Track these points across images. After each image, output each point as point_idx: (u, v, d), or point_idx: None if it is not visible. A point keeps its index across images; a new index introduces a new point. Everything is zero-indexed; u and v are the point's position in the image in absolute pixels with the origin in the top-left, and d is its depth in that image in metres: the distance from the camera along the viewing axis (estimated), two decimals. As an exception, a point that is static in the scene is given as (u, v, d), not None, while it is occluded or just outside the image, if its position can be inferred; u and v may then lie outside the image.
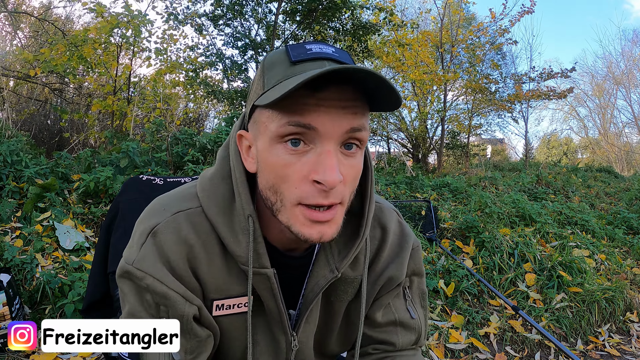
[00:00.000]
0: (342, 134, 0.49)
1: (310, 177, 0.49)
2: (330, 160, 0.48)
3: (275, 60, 0.52)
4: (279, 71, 0.51)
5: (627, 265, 3.26)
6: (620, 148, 15.96)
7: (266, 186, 0.53)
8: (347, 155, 0.51)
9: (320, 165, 0.48)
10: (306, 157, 0.50)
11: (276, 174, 0.51)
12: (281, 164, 0.50)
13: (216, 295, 0.59)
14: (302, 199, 0.50)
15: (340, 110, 0.48)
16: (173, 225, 0.56)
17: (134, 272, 0.54)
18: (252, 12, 6.15)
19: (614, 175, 9.03)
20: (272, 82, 0.51)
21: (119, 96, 5.23)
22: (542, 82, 7.88)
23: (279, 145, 0.50)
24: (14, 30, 6.79)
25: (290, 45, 0.52)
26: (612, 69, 16.70)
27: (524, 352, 2.13)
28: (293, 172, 0.50)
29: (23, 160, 2.83)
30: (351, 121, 0.49)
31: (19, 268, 1.95)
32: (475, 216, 3.27)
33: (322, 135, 0.49)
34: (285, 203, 0.51)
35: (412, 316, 0.71)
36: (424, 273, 0.75)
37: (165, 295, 0.54)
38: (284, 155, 0.50)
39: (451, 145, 9.95)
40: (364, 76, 0.46)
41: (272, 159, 0.51)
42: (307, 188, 0.50)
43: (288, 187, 0.50)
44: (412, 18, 8.53)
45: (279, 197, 0.52)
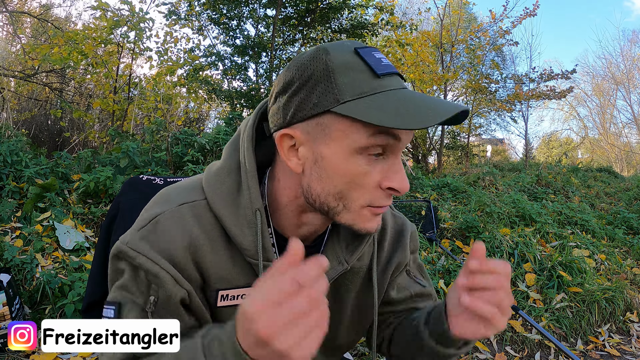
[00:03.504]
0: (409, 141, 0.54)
1: (385, 185, 0.52)
2: (401, 169, 0.52)
3: (350, 65, 0.50)
4: (362, 81, 0.50)
5: (627, 265, 3.26)
6: (620, 148, 15.97)
7: (329, 192, 0.53)
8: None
9: (395, 175, 0.52)
10: (379, 165, 0.52)
11: (350, 181, 0.52)
12: (360, 173, 0.51)
13: (222, 286, 0.59)
14: (372, 202, 0.53)
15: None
16: (177, 216, 0.57)
17: (127, 251, 0.55)
18: (251, 14, 6.15)
19: (614, 176, 9.03)
20: (355, 91, 0.49)
21: (120, 96, 5.24)
22: (543, 82, 7.89)
23: (361, 155, 0.51)
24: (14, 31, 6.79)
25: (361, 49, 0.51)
26: (612, 69, 16.72)
27: (524, 352, 2.13)
28: (369, 181, 0.52)
29: (23, 160, 2.83)
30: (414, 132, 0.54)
31: (19, 268, 1.95)
32: (475, 216, 3.27)
33: (399, 148, 0.52)
34: (350, 207, 0.53)
35: (423, 285, 0.75)
36: (418, 248, 0.79)
37: (156, 275, 0.54)
38: (364, 166, 0.51)
39: (451, 145, 9.96)
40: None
41: (349, 168, 0.51)
42: (378, 194, 0.53)
43: (361, 193, 0.52)
44: (412, 17, 8.54)
45: (343, 202, 0.53)
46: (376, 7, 6.34)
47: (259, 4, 6.09)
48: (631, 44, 16.80)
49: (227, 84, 6.62)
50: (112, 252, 0.57)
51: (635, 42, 16.70)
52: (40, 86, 6.60)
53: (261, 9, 6.24)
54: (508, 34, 7.65)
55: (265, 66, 6.16)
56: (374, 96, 0.49)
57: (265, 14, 6.37)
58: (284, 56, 6.51)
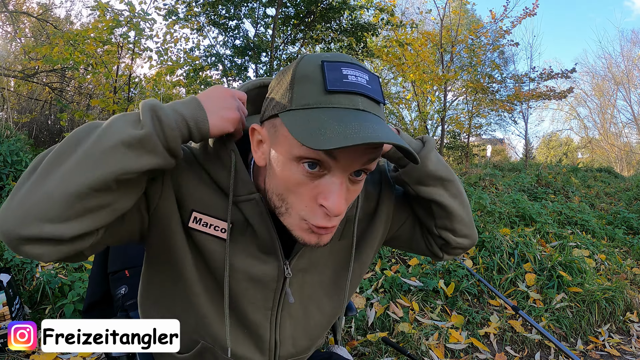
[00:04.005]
0: (359, 166, 0.52)
1: (319, 201, 0.52)
2: (340, 191, 0.52)
3: (309, 76, 0.52)
4: (312, 93, 0.51)
5: (627, 265, 3.26)
6: (620, 148, 15.97)
7: (274, 191, 0.56)
8: (354, 181, 0.54)
9: (330, 194, 0.51)
10: (318, 181, 0.52)
11: (287, 187, 0.54)
12: (294, 181, 0.52)
13: (197, 207, 0.60)
14: (309, 218, 0.54)
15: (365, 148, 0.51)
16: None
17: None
18: (250, 14, 6.15)
19: (614, 175, 9.04)
20: (301, 101, 0.51)
21: (120, 96, 5.23)
22: (542, 82, 7.89)
23: (296, 164, 0.52)
24: (14, 31, 6.79)
25: (328, 64, 0.51)
26: (612, 69, 16.72)
27: (524, 352, 2.13)
28: (304, 192, 0.53)
29: (23, 160, 2.83)
30: (371, 154, 0.52)
31: (19, 268, 1.95)
32: (475, 216, 3.27)
33: (340, 167, 0.51)
34: (291, 213, 0.55)
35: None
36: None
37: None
38: (299, 175, 0.52)
39: (451, 145, 9.95)
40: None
41: (286, 174, 0.53)
42: (313, 209, 0.53)
43: (296, 203, 0.54)
44: (412, 18, 8.53)
45: (285, 205, 0.55)
46: (376, 8, 6.35)
47: (259, 3, 6.09)
48: (632, 44, 16.80)
49: (227, 85, 6.62)
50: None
51: (636, 42, 16.71)
52: (40, 86, 6.60)
53: (261, 8, 6.24)
54: (508, 34, 7.64)
55: (265, 67, 6.17)
56: (312, 110, 0.49)
57: (265, 13, 6.37)
58: (284, 56, 6.51)
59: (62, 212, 0.45)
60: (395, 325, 2.05)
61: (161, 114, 0.50)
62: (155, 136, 0.49)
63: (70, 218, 0.46)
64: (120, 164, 0.47)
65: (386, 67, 9.18)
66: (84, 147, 0.47)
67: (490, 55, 8.63)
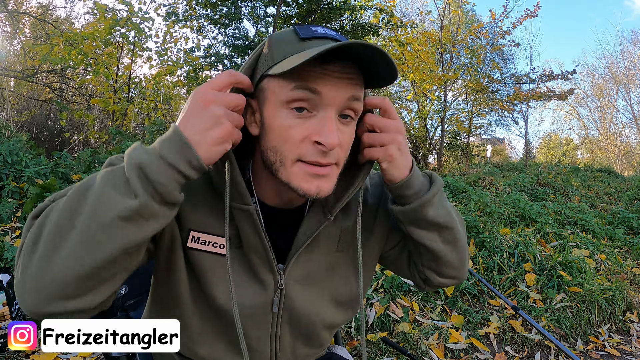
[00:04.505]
0: (343, 101, 0.55)
1: (312, 138, 0.54)
2: (331, 124, 0.54)
3: (284, 37, 0.58)
4: (289, 46, 0.56)
5: (627, 265, 3.26)
6: (620, 148, 15.97)
7: (268, 147, 0.57)
8: (343, 123, 0.57)
9: (322, 128, 0.54)
10: (309, 122, 0.55)
11: (280, 135, 0.56)
12: (285, 126, 0.55)
13: (194, 227, 0.61)
14: (302, 156, 0.55)
15: (343, 79, 0.54)
16: None
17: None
18: (250, 14, 6.15)
19: (614, 176, 9.04)
20: (281, 55, 0.55)
21: (120, 96, 5.23)
22: (543, 83, 7.89)
23: (286, 110, 0.55)
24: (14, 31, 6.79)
25: (297, 25, 0.58)
26: (612, 69, 16.72)
27: (524, 352, 2.13)
28: (296, 133, 0.55)
29: (23, 160, 2.83)
30: (351, 90, 0.55)
31: (19, 268, 1.95)
32: (475, 216, 3.27)
33: (325, 102, 0.54)
34: (285, 162, 0.56)
35: None
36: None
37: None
38: (289, 119, 0.55)
39: (451, 145, 9.95)
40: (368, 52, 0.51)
41: (277, 122, 0.56)
42: (307, 147, 0.55)
43: (289, 147, 0.55)
44: (412, 18, 8.53)
45: (279, 156, 0.56)
46: (376, 8, 6.35)
47: (260, 2, 6.09)
48: (632, 44, 16.81)
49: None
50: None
51: (637, 43, 16.71)
52: (40, 86, 6.61)
53: (262, 7, 6.24)
54: (508, 34, 7.65)
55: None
56: (296, 55, 0.53)
57: (265, 12, 6.37)
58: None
59: (79, 290, 0.47)
60: (395, 325, 2.05)
61: (149, 171, 0.46)
62: (152, 201, 0.46)
63: (88, 292, 0.48)
64: (124, 239, 0.46)
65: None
66: (81, 223, 0.46)
67: (490, 55, 8.63)
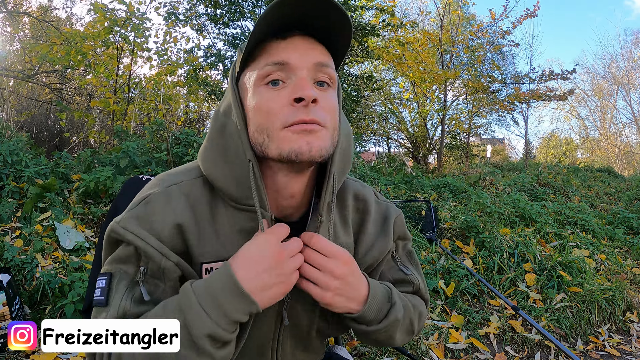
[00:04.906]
0: (312, 66, 0.58)
1: (290, 99, 0.56)
2: (305, 81, 0.57)
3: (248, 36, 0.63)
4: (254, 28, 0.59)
5: (627, 265, 3.26)
6: (620, 148, 15.97)
7: (255, 129, 0.59)
8: (320, 90, 0.59)
9: (297, 87, 0.56)
10: (285, 90, 0.58)
11: (261, 111, 0.58)
12: (264, 100, 0.58)
13: (205, 259, 0.62)
14: (286, 121, 0.56)
15: (307, 48, 0.58)
16: (165, 196, 0.62)
17: (117, 229, 0.59)
18: (251, 13, 6.15)
19: (614, 175, 9.04)
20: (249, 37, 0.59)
21: (120, 96, 5.23)
22: (543, 83, 7.88)
23: (261, 87, 0.58)
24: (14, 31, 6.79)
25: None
26: (612, 69, 16.72)
27: (524, 352, 2.13)
28: (275, 104, 0.57)
29: (23, 160, 2.83)
30: (317, 56, 0.58)
31: (19, 268, 1.95)
32: (475, 216, 3.27)
33: (294, 68, 0.57)
34: (272, 134, 0.57)
35: (406, 273, 0.75)
36: (409, 237, 0.79)
37: (144, 249, 0.58)
38: (266, 94, 0.58)
39: (451, 145, 9.94)
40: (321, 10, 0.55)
41: (256, 101, 0.58)
42: (289, 111, 0.56)
43: (272, 118, 0.57)
44: (412, 19, 8.53)
45: (266, 132, 0.58)
46: (377, 9, 6.35)
47: (261, 1, 6.09)
48: (632, 44, 16.81)
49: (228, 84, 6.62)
50: (107, 231, 0.62)
51: (637, 43, 16.72)
52: (40, 86, 6.60)
53: (263, 7, 6.24)
54: (508, 34, 7.64)
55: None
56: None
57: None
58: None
59: None
60: (395, 325, 2.05)
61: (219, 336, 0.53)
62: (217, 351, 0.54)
63: None
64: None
65: (386, 68, 9.18)
66: None
67: (490, 56, 8.63)
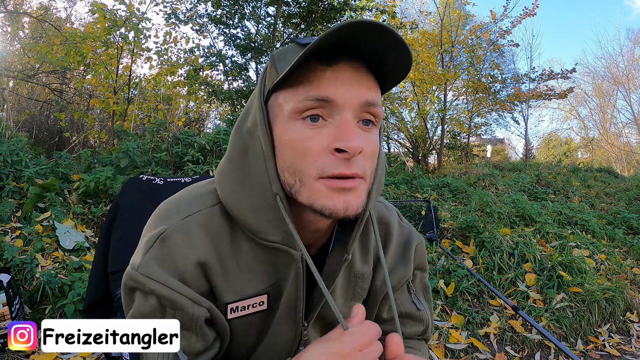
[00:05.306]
0: (359, 105, 0.50)
1: (332, 147, 0.48)
2: (349, 127, 0.48)
3: (285, 50, 0.54)
4: (290, 56, 0.51)
5: (627, 265, 3.26)
6: (620, 148, 15.97)
7: (284, 167, 0.52)
8: (364, 130, 0.51)
9: (341, 134, 0.48)
10: (326, 130, 0.49)
11: (295, 150, 0.50)
12: (300, 138, 0.50)
13: (229, 299, 0.57)
14: (324, 171, 0.49)
15: (355, 82, 0.49)
16: (183, 230, 0.54)
17: (138, 278, 0.53)
18: (252, 14, 6.16)
19: (614, 176, 9.04)
20: (284, 65, 0.51)
21: (119, 96, 5.23)
22: (543, 82, 7.88)
23: (297, 121, 0.50)
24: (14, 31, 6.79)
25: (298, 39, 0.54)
26: (612, 69, 16.73)
27: (524, 352, 2.13)
28: (313, 145, 0.49)
29: (23, 160, 2.83)
30: (366, 94, 0.50)
31: (19, 268, 1.95)
32: (475, 216, 3.27)
33: (340, 107, 0.49)
34: (305, 181, 0.50)
35: (419, 308, 0.71)
36: (427, 268, 0.75)
37: (171, 299, 0.52)
38: (303, 130, 0.50)
39: (451, 145, 9.94)
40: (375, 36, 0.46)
41: (290, 136, 0.50)
42: (328, 159, 0.49)
43: (308, 162, 0.49)
44: (413, 19, 8.54)
45: (298, 176, 0.51)
46: (377, 9, 6.35)
47: (261, 2, 6.10)
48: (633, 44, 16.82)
49: (228, 85, 6.63)
50: (123, 280, 0.55)
51: (637, 42, 16.72)
52: (40, 86, 6.61)
53: (263, 7, 6.25)
54: (508, 34, 7.64)
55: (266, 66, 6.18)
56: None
57: (266, 12, 6.38)
58: (284, 56, 6.53)
59: None
60: (395, 325, 2.05)
61: None
62: None
63: None
64: None
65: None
66: None
67: (490, 55, 8.63)
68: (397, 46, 0.47)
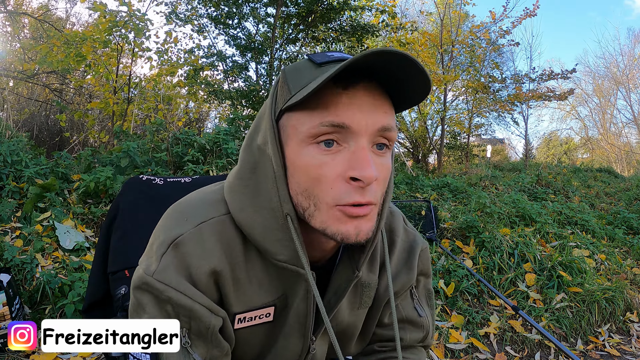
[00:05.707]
0: (375, 131, 0.49)
1: (347, 175, 0.48)
2: (365, 156, 0.48)
3: (299, 67, 0.53)
4: (305, 75, 0.50)
5: (627, 265, 3.26)
6: (620, 148, 15.97)
7: (298, 190, 0.51)
8: (378, 154, 0.51)
9: (356, 162, 0.48)
10: (340, 156, 0.49)
11: (309, 175, 0.49)
12: (315, 164, 0.49)
13: (238, 309, 0.57)
14: (339, 199, 0.49)
15: (371, 107, 0.49)
16: (197, 235, 0.54)
17: (154, 284, 0.51)
18: (252, 14, 6.16)
19: (614, 175, 9.03)
20: (298, 85, 0.50)
21: (119, 96, 5.23)
22: (543, 83, 7.88)
23: (312, 146, 0.49)
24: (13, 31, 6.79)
25: (312, 54, 0.53)
26: (612, 68, 16.73)
27: (524, 352, 2.13)
28: (327, 172, 0.49)
29: (23, 160, 2.83)
30: (382, 119, 0.49)
31: (19, 268, 1.95)
32: (475, 216, 3.27)
33: (356, 133, 0.48)
34: (320, 206, 0.50)
35: (420, 314, 0.71)
36: (431, 273, 0.75)
37: (190, 308, 0.52)
38: (318, 156, 0.49)
39: (451, 145, 9.94)
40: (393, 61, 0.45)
41: (304, 161, 0.50)
42: (343, 187, 0.49)
43: (323, 189, 0.49)
44: (413, 19, 8.54)
45: (313, 200, 0.50)
46: (377, 9, 6.34)
47: (260, 3, 6.10)
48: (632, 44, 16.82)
49: (228, 85, 6.63)
50: (136, 283, 0.54)
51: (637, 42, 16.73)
52: (40, 87, 6.61)
53: (262, 7, 6.24)
54: (508, 34, 7.64)
55: (266, 66, 6.17)
56: (311, 83, 0.48)
57: (266, 12, 6.38)
58: (284, 56, 6.52)
59: None
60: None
61: None
62: None
63: None
64: None
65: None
66: None
67: (490, 56, 8.63)
68: (418, 76, 0.47)
